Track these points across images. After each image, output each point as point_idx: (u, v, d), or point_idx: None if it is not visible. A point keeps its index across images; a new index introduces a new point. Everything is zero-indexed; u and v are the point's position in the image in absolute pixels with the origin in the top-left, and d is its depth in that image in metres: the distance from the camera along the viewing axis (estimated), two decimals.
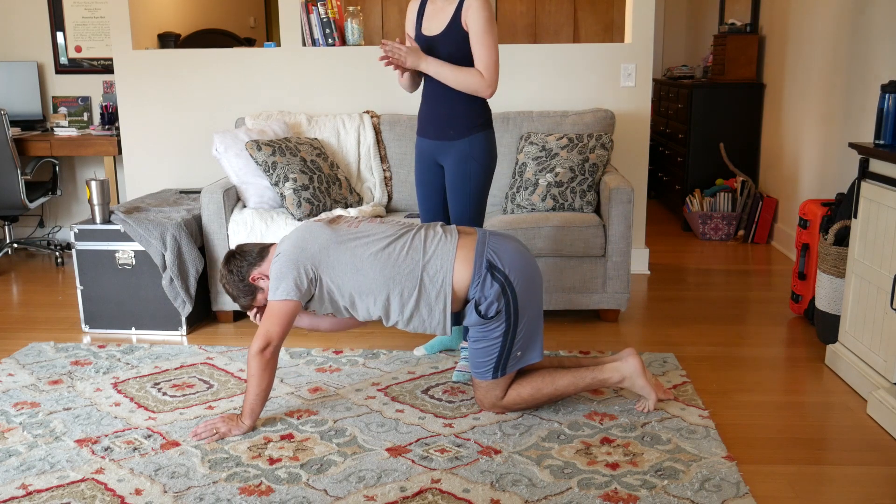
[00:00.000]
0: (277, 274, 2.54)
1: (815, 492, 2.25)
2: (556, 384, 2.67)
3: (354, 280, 2.55)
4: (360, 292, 2.57)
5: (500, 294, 2.52)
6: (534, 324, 2.63)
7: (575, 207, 3.72)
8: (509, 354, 2.60)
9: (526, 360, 2.65)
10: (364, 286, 2.55)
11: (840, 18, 4.20)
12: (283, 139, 3.80)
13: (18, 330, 3.71)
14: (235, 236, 3.59)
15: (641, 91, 4.30)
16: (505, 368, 2.62)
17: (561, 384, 2.67)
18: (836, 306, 3.23)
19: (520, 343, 2.60)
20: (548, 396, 2.68)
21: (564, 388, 2.68)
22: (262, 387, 2.55)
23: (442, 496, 2.22)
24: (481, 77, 2.85)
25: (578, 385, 2.68)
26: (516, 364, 2.64)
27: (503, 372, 2.62)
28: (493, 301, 2.53)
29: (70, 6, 5.15)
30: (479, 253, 2.55)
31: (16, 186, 4.57)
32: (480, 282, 2.53)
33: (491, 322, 2.56)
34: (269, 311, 2.54)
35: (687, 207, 5.49)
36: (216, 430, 2.55)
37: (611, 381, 2.69)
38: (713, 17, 6.35)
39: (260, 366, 2.52)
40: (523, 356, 2.64)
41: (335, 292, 2.58)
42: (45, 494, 2.25)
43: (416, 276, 2.54)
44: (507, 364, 2.62)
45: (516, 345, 2.60)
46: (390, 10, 7.58)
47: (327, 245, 2.56)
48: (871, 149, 2.84)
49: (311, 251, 2.55)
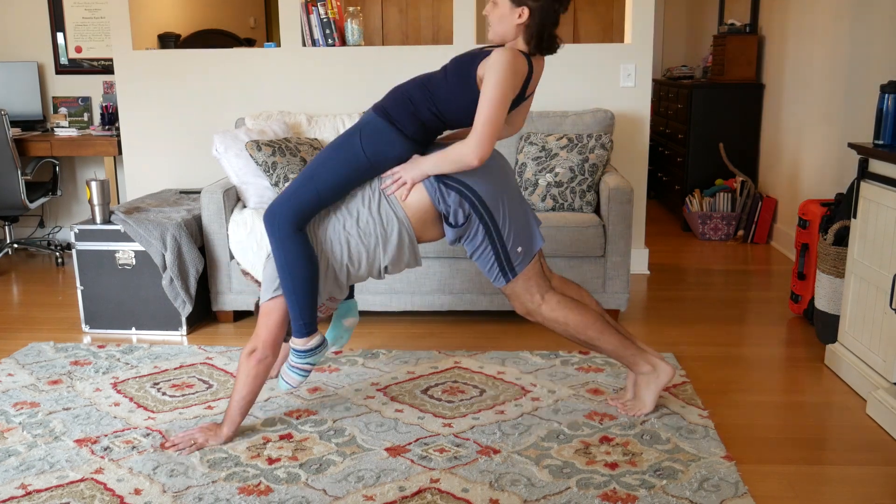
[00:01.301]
0: (268, 275, 2.56)
1: (815, 492, 2.25)
2: (602, 338, 2.63)
3: (343, 250, 2.56)
4: (351, 259, 2.57)
5: (461, 199, 2.49)
6: (517, 213, 2.57)
7: (575, 207, 3.72)
8: (507, 252, 2.56)
9: (531, 251, 2.60)
10: (352, 252, 2.56)
11: (840, 18, 4.20)
12: (283, 139, 3.80)
13: (18, 330, 3.72)
14: (235, 236, 3.59)
15: (641, 91, 4.30)
16: (513, 267, 2.58)
17: (605, 341, 2.63)
18: (835, 306, 3.23)
19: (512, 237, 2.55)
20: (586, 340, 2.64)
21: (605, 345, 2.64)
22: (243, 393, 2.51)
23: (441, 496, 2.22)
24: (463, 145, 2.42)
25: (617, 353, 2.66)
26: (525, 258, 2.58)
27: (513, 271, 2.58)
28: (456, 208, 2.49)
29: (70, 6, 5.15)
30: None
31: (16, 187, 4.58)
32: (438, 195, 2.50)
33: (468, 229, 2.54)
34: (260, 313, 2.55)
35: (687, 207, 5.49)
36: (193, 440, 2.52)
37: (640, 368, 2.68)
38: (713, 17, 6.35)
39: (245, 370, 2.50)
40: (526, 249, 2.58)
41: (334, 269, 2.58)
42: (45, 494, 2.25)
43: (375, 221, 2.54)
44: (512, 262, 2.57)
45: (509, 240, 2.55)
46: (390, 10, 7.58)
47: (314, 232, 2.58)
48: (871, 149, 2.84)
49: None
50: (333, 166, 2.51)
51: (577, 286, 2.86)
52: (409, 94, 2.50)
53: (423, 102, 2.49)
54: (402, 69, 4.33)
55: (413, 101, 2.49)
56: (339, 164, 2.51)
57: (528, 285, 2.61)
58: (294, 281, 2.47)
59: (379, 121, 2.50)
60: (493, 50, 2.43)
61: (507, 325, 3.64)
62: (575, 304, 2.64)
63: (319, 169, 2.52)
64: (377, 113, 2.52)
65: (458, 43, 4.30)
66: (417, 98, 2.49)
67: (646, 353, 2.68)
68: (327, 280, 2.58)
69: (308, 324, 2.53)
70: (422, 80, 2.54)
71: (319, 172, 2.51)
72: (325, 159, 2.52)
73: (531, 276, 2.61)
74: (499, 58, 2.37)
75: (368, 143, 2.50)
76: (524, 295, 2.63)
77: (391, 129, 2.49)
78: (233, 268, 3.65)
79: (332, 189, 2.51)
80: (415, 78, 2.57)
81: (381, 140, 2.50)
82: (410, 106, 2.49)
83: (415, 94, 2.50)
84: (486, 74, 2.39)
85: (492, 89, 2.37)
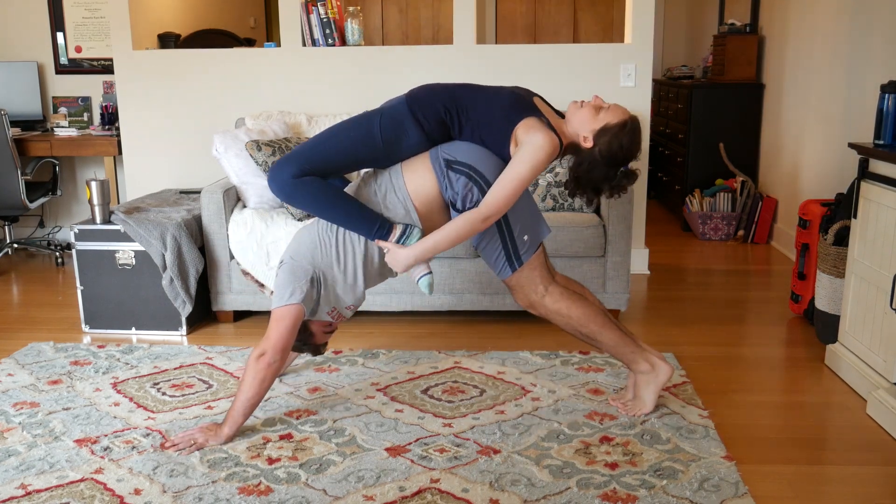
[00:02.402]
0: (281, 282, 2.56)
1: (815, 492, 2.25)
2: (603, 332, 2.63)
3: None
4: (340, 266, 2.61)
5: (469, 183, 2.50)
6: (523, 201, 2.60)
7: (575, 207, 3.72)
8: (514, 241, 2.58)
9: (537, 239, 2.61)
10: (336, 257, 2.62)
11: (840, 18, 4.20)
12: (283, 139, 3.80)
13: (18, 330, 3.71)
14: (235, 236, 3.59)
15: (641, 91, 4.30)
16: (519, 256, 2.59)
17: (606, 336, 2.64)
18: (835, 306, 3.23)
19: (519, 226, 2.57)
20: (587, 334, 2.65)
21: (605, 340, 2.64)
22: (248, 395, 2.51)
23: (441, 496, 2.22)
24: (474, 212, 2.44)
25: (616, 349, 2.66)
26: (531, 247, 2.60)
27: (519, 260, 2.59)
28: (465, 193, 2.50)
29: (70, 6, 5.15)
30: (434, 157, 2.54)
31: (16, 187, 4.57)
32: (446, 181, 2.51)
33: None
34: (272, 318, 2.56)
35: (687, 207, 5.49)
36: (193, 440, 2.52)
37: (638, 367, 2.68)
38: (713, 17, 6.35)
39: (252, 373, 2.50)
40: (532, 237, 2.60)
41: (340, 277, 2.63)
42: (45, 494, 2.25)
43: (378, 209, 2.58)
44: (518, 251, 2.59)
45: (516, 228, 2.57)
46: (390, 10, 7.58)
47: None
48: (871, 149, 2.84)
49: (307, 255, 2.60)
50: (348, 137, 2.53)
51: (580, 284, 2.87)
52: (442, 95, 2.52)
53: (453, 109, 2.50)
54: (402, 69, 4.33)
55: (444, 103, 2.50)
56: (353, 139, 2.53)
57: (533, 276, 2.62)
58: (335, 210, 2.51)
59: (404, 108, 2.51)
60: (542, 124, 2.43)
61: (507, 325, 3.64)
62: (578, 298, 2.65)
63: (333, 139, 2.53)
64: (406, 101, 2.53)
65: (458, 43, 4.30)
66: (449, 103, 2.50)
67: (645, 351, 2.68)
68: (336, 289, 2.64)
69: (378, 230, 2.53)
70: (463, 92, 2.54)
71: (332, 143, 2.53)
72: (341, 129, 2.54)
73: (535, 266, 2.62)
74: (544, 142, 2.39)
75: (387, 127, 2.51)
76: (528, 286, 2.63)
77: (412, 120, 2.50)
78: (233, 268, 3.65)
79: (338, 160, 2.53)
80: (458, 84, 2.58)
81: (399, 127, 2.51)
82: (440, 105, 2.50)
83: (447, 99, 2.51)
84: (524, 146, 2.41)
85: (522, 167, 2.40)
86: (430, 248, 2.51)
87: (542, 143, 2.39)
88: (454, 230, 2.48)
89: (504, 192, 2.42)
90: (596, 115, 2.48)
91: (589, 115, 2.49)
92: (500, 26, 7.56)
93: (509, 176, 2.42)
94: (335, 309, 2.69)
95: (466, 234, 2.49)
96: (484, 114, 2.49)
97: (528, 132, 2.41)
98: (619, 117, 2.49)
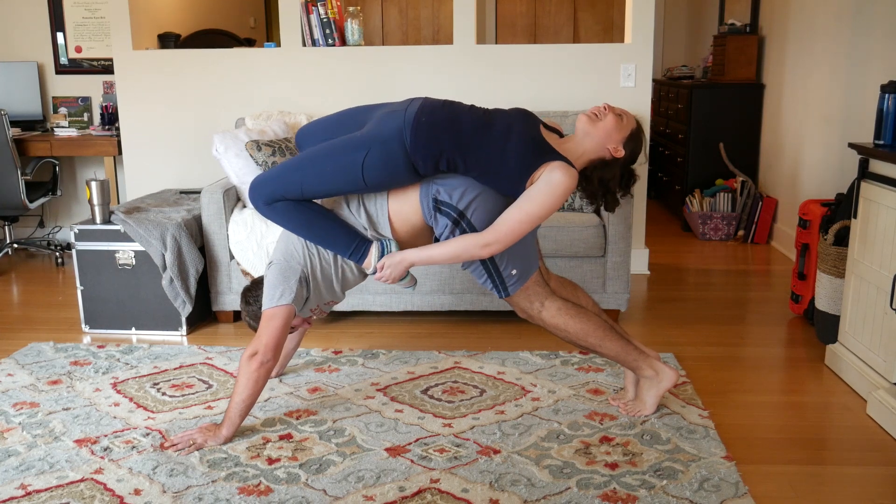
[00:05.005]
0: (271, 283, 2.57)
1: (815, 492, 2.25)
2: (603, 344, 2.61)
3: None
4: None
5: (453, 226, 2.48)
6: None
7: (575, 207, 3.72)
8: (501, 275, 2.56)
9: (527, 273, 2.58)
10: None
11: (840, 19, 4.20)
12: (283, 139, 3.80)
13: (18, 330, 3.71)
14: (235, 236, 3.59)
15: (641, 91, 4.30)
16: (507, 288, 2.59)
17: (607, 347, 2.62)
18: (835, 306, 3.23)
19: (505, 262, 2.54)
20: (586, 346, 2.64)
21: (607, 352, 2.63)
22: (243, 395, 2.51)
23: (441, 496, 2.22)
24: (475, 237, 2.42)
25: (619, 358, 2.65)
26: (520, 280, 2.58)
27: (507, 291, 2.59)
28: (448, 235, 2.50)
29: (70, 6, 5.15)
30: (425, 193, 2.51)
31: (16, 187, 4.57)
32: (432, 219, 2.52)
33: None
34: (263, 317, 2.56)
35: (687, 207, 5.49)
36: (192, 441, 2.51)
37: (643, 373, 2.67)
38: (713, 17, 6.35)
39: (246, 373, 2.50)
40: (521, 272, 2.57)
41: (326, 280, 2.65)
42: (45, 494, 2.25)
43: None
44: (506, 283, 2.58)
45: (502, 264, 2.54)
46: (390, 10, 7.58)
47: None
48: (871, 149, 2.84)
49: (297, 255, 2.61)
50: (328, 169, 2.46)
51: (573, 285, 2.86)
52: (444, 139, 2.40)
53: (458, 157, 2.42)
54: (402, 69, 4.33)
55: (447, 152, 2.41)
56: (334, 172, 2.46)
57: (527, 294, 2.62)
58: (310, 231, 2.53)
59: (400, 150, 2.39)
60: (563, 164, 2.37)
61: (507, 325, 3.64)
62: (576, 311, 2.63)
63: (313, 168, 2.48)
64: (403, 139, 2.39)
65: (458, 43, 4.30)
66: (452, 152, 2.41)
67: (649, 357, 2.67)
68: (325, 284, 2.63)
69: (353, 251, 2.54)
70: (470, 131, 2.42)
71: (311, 171, 2.48)
72: (325, 156, 2.48)
73: (529, 286, 2.62)
74: (563, 180, 2.34)
75: (375, 167, 2.42)
76: (523, 303, 2.64)
77: (406, 165, 2.42)
78: (233, 268, 3.65)
79: (315, 190, 2.51)
80: (465, 118, 2.45)
81: (389, 171, 2.43)
82: (442, 153, 2.42)
83: (452, 145, 2.40)
84: (542, 184, 2.36)
85: (536, 207, 2.36)
86: (425, 258, 2.51)
87: (562, 182, 2.34)
88: (451, 249, 2.46)
89: (510, 228, 2.39)
90: (620, 122, 2.47)
91: (614, 124, 2.46)
92: (500, 26, 7.56)
93: (520, 215, 2.37)
94: (318, 306, 2.71)
95: (463, 257, 2.47)
96: (496, 164, 2.41)
97: (550, 172, 2.37)
98: (633, 120, 2.52)
